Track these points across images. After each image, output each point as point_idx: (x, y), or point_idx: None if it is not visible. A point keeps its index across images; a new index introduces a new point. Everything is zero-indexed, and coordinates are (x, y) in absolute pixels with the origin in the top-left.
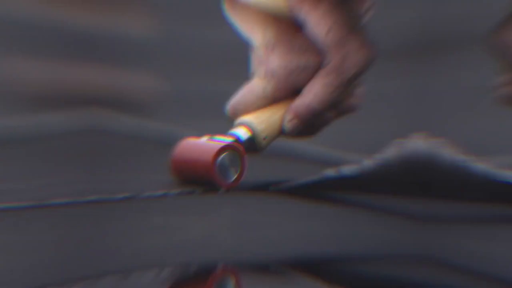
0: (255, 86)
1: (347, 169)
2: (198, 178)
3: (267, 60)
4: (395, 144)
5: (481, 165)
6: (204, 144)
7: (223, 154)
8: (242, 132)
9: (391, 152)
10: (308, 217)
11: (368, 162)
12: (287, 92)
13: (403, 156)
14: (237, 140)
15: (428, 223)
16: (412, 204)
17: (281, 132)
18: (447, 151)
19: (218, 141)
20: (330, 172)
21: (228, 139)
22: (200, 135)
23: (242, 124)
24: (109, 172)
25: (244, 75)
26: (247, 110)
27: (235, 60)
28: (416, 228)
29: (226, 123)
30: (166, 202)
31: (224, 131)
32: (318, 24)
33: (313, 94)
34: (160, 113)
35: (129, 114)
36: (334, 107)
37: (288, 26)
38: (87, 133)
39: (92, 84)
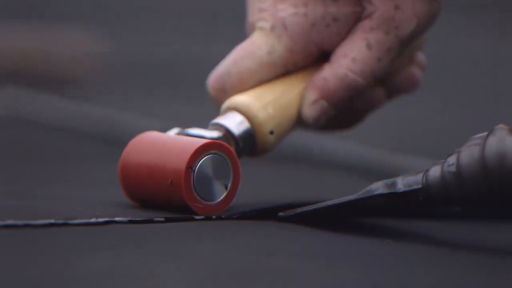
0: (255, 45)
1: (405, 182)
2: (163, 197)
3: (275, 8)
4: (472, 141)
5: None
6: (172, 142)
7: (203, 158)
8: (234, 122)
9: (467, 154)
10: (341, 263)
11: (435, 170)
12: (307, 55)
13: (484, 159)
14: (227, 135)
15: None
16: (493, 233)
17: (299, 122)
18: None
19: (194, 136)
20: (378, 187)
21: (211, 133)
22: (165, 126)
23: (234, 108)
24: (29, 183)
25: (235, 30)
26: (243, 84)
27: (221, 8)
28: (499, 268)
29: (208, 106)
30: (111, 234)
31: (205, 120)
32: None
33: (350, 59)
34: (104, 92)
35: (59, 95)
36: (383, 82)
37: None
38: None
39: (6, 51)
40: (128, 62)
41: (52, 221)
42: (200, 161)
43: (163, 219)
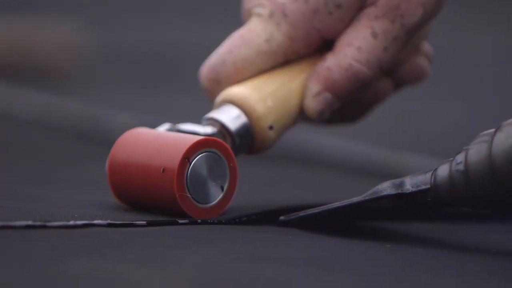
0: (252, 33)
1: (413, 182)
2: (153, 200)
3: None
4: (480, 138)
5: None
6: (163, 139)
7: (197, 157)
8: (230, 116)
9: (475, 151)
10: (340, 268)
11: (444, 169)
12: (309, 43)
13: (492, 157)
14: (222, 130)
15: None
16: (498, 234)
17: (300, 116)
18: None
19: (187, 132)
20: (385, 187)
21: (205, 129)
22: (155, 122)
23: (230, 101)
24: (9, 182)
25: (229, 16)
26: (239, 75)
27: None
28: None
29: (201, 99)
30: (89, 238)
31: (198, 115)
32: None
33: (355, 48)
34: (88, 86)
35: (40, 88)
36: (389, 73)
37: None
38: None
39: None
40: (114, 54)
41: (30, 222)
42: (193, 161)
43: (144, 222)
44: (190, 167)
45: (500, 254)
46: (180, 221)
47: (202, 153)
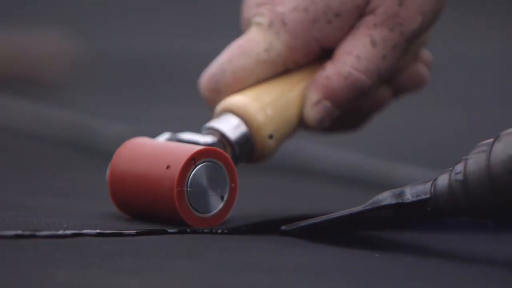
0: (252, 42)
1: (413, 191)
2: (153, 208)
3: (273, 2)
4: (479, 147)
5: None
6: (162, 149)
7: (198, 167)
8: (230, 125)
9: (474, 161)
10: (334, 277)
11: (443, 179)
12: (308, 52)
13: (490, 167)
14: (222, 140)
15: None
16: (498, 244)
17: (300, 124)
18: None
19: (187, 142)
20: (385, 197)
21: (205, 139)
22: (155, 132)
23: (229, 110)
24: (3, 191)
25: (229, 25)
26: (238, 84)
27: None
28: None
29: (200, 108)
30: (78, 248)
31: (198, 124)
32: None
33: (354, 57)
34: (84, 95)
35: (33, 98)
36: (388, 81)
37: None
38: None
39: None
40: (109, 62)
41: (19, 232)
42: (193, 171)
43: (134, 232)
44: (193, 171)
45: (497, 263)
46: (170, 230)
47: (203, 162)
